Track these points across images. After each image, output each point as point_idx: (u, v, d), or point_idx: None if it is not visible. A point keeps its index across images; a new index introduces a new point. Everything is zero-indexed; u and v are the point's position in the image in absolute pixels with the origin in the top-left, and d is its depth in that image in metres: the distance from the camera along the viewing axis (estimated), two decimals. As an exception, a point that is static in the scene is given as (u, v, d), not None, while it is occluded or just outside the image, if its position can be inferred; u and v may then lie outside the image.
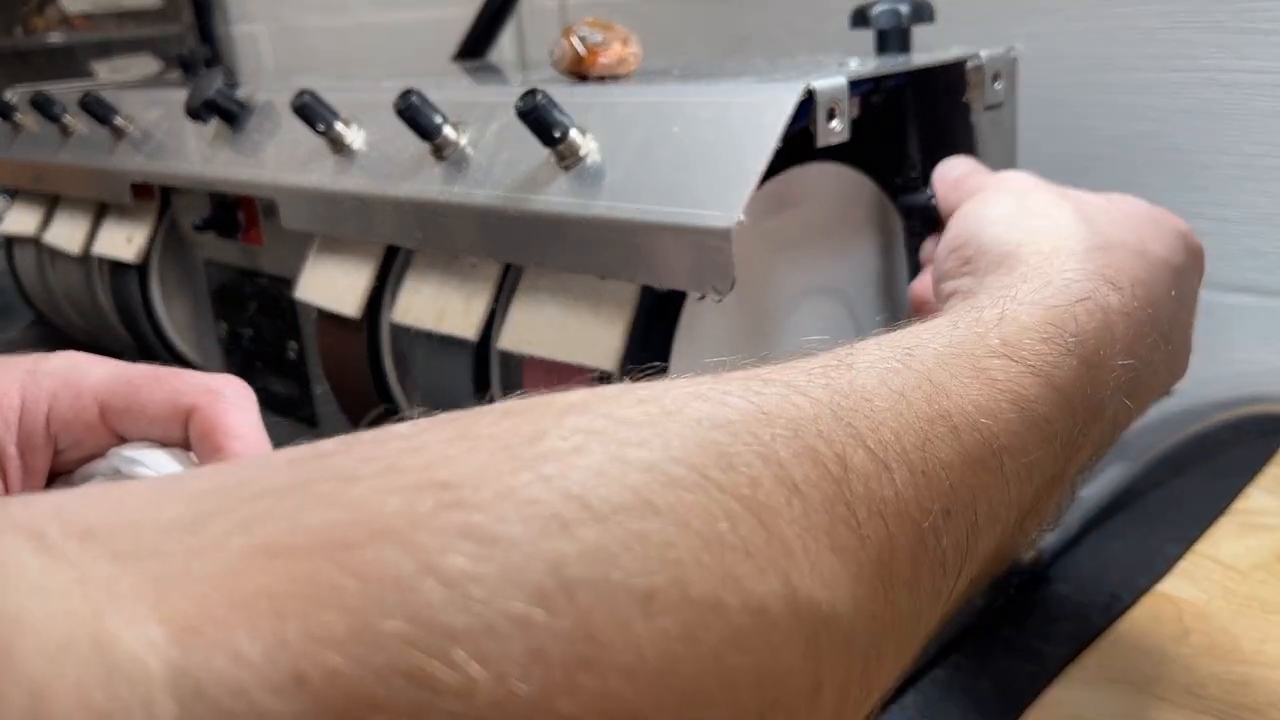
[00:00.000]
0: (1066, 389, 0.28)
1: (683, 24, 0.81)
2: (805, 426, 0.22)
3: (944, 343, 0.28)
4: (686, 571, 0.18)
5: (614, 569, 0.17)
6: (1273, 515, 0.50)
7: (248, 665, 0.15)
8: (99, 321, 0.80)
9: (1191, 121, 0.59)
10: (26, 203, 0.83)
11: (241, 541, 0.17)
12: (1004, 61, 0.46)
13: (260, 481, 0.18)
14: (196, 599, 0.15)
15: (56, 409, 0.35)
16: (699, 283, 0.38)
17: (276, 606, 0.15)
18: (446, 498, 0.17)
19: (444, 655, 0.16)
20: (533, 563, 0.17)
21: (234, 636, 0.15)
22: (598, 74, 0.48)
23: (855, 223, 0.48)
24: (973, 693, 0.40)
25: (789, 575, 0.20)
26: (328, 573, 0.16)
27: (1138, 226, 0.35)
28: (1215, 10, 0.57)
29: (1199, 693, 0.38)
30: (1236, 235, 0.59)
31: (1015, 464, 0.26)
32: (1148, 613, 0.44)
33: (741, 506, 0.20)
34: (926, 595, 0.24)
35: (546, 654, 0.16)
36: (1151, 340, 0.32)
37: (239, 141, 0.60)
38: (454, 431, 0.20)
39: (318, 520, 0.17)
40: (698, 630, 0.18)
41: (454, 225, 0.46)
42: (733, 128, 0.39)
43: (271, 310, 0.64)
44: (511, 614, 0.16)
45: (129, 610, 0.15)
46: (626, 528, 0.18)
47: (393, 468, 0.18)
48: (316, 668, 0.15)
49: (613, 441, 0.20)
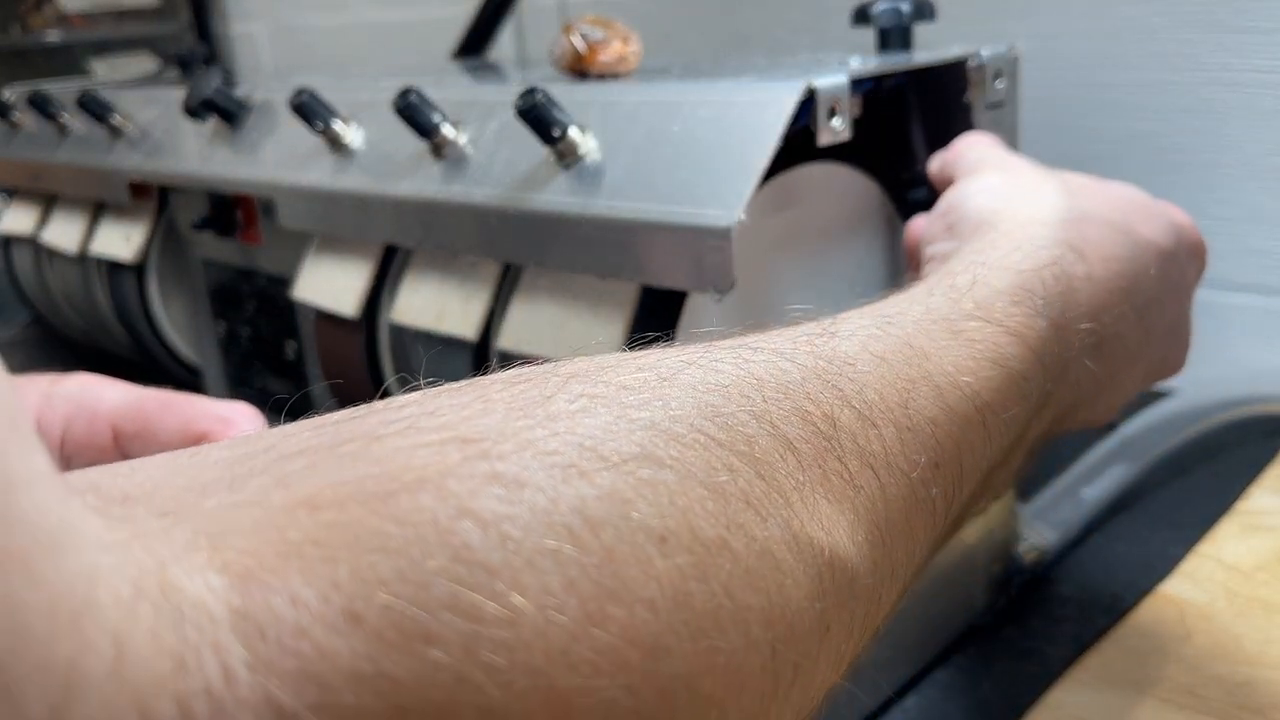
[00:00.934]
0: (1038, 348, 0.30)
1: (683, 22, 0.81)
2: (794, 389, 0.24)
3: (921, 310, 0.29)
4: (694, 517, 0.20)
5: (632, 510, 0.19)
6: (1275, 516, 0.50)
7: (305, 607, 0.16)
8: (97, 321, 0.80)
9: (1193, 121, 0.59)
10: (24, 202, 0.83)
11: (282, 496, 0.17)
12: (1006, 60, 0.46)
13: (287, 445, 0.19)
14: (248, 549, 0.16)
15: (71, 432, 0.35)
16: (699, 282, 0.38)
17: (325, 553, 0.16)
18: (471, 450, 0.18)
19: (487, 588, 0.17)
20: (558, 504, 0.18)
21: (289, 581, 0.16)
22: (598, 72, 0.48)
23: (857, 222, 0.47)
24: (974, 694, 0.40)
25: (789, 522, 0.21)
26: (369, 520, 0.17)
27: (1126, 209, 0.36)
28: (1217, 9, 0.56)
29: (1201, 694, 0.38)
30: (1239, 235, 0.59)
31: (996, 419, 0.28)
32: (1150, 614, 0.43)
33: (740, 460, 0.21)
34: (918, 543, 0.26)
35: (579, 586, 0.17)
36: (1121, 311, 0.34)
37: (237, 140, 0.60)
38: (467, 396, 0.21)
39: (351, 474, 0.18)
40: (709, 569, 0.19)
41: (453, 224, 0.46)
42: (733, 127, 0.38)
43: (270, 310, 0.64)
44: (545, 549, 0.17)
45: (188, 560, 0.16)
46: (638, 475, 0.19)
47: (414, 427, 0.19)
48: (369, 606, 0.16)
49: (615, 404, 0.21)
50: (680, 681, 0.18)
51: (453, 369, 0.49)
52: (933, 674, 0.41)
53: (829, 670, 0.23)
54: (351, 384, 0.56)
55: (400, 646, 0.16)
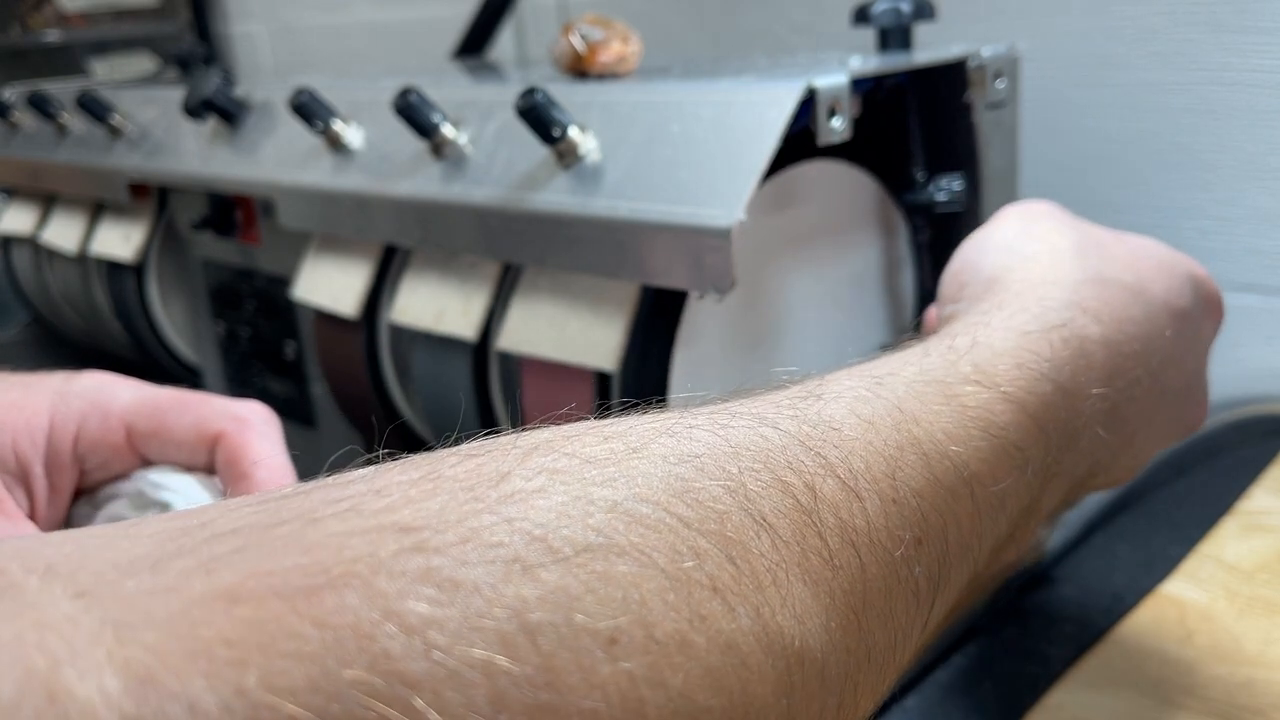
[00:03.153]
0: (1039, 415, 0.28)
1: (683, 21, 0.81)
2: (774, 457, 0.22)
3: (915, 371, 0.27)
4: (651, 612, 0.18)
5: (576, 612, 0.17)
6: (1276, 516, 0.50)
7: (204, 716, 0.15)
8: (96, 321, 0.80)
9: (1194, 120, 0.59)
10: (23, 202, 0.83)
11: (202, 585, 0.16)
12: (1006, 60, 0.46)
13: (223, 523, 0.18)
14: (154, 645, 0.15)
15: (85, 430, 0.35)
16: (699, 282, 0.38)
17: (235, 655, 0.15)
18: (408, 541, 0.17)
19: (404, 704, 0.15)
20: (494, 608, 0.17)
21: (191, 686, 0.15)
22: (598, 72, 0.48)
23: (857, 221, 0.47)
24: (974, 694, 0.40)
25: (759, 610, 0.20)
26: (287, 620, 0.16)
27: (1141, 266, 0.35)
28: (1218, 9, 0.56)
29: (1202, 694, 0.38)
30: (1239, 235, 0.59)
31: (985, 492, 0.26)
32: (1151, 614, 0.43)
33: (708, 543, 0.20)
34: (900, 627, 0.24)
35: (509, 701, 0.16)
36: (1136, 375, 0.32)
37: (237, 140, 0.60)
38: (417, 473, 0.20)
39: (278, 564, 0.17)
40: (664, 672, 0.18)
41: (453, 224, 0.46)
42: (733, 126, 0.38)
43: (269, 310, 0.64)
44: (473, 661, 0.16)
45: (86, 658, 0.15)
46: (589, 569, 0.18)
47: (355, 509, 0.18)
48: (276, 718, 0.15)
49: (576, 480, 0.20)
50: None
51: (452, 369, 0.49)
52: (932, 674, 0.41)
53: None
54: (351, 384, 0.55)
55: None
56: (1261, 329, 0.60)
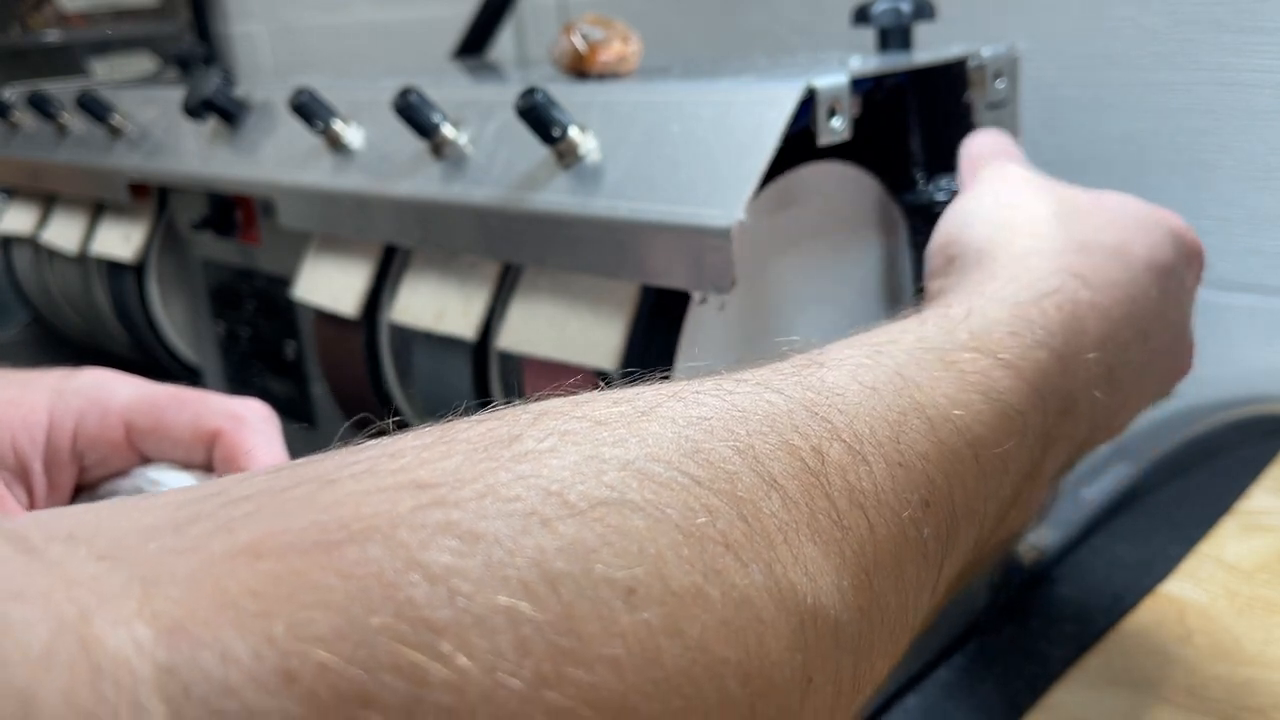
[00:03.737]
0: (1037, 381, 0.29)
1: (683, 21, 0.81)
2: (780, 421, 0.23)
3: (913, 339, 0.28)
4: (667, 565, 0.18)
5: (595, 562, 0.18)
6: (1276, 516, 0.50)
7: (236, 664, 0.15)
8: (96, 321, 0.80)
9: (1193, 120, 0.59)
10: (23, 202, 0.83)
11: (224, 543, 0.17)
12: (1006, 60, 0.46)
13: (237, 490, 0.18)
14: (182, 599, 0.15)
15: (83, 427, 0.35)
16: (699, 283, 0.38)
17: (262, 606, 0.15)
18: (425, 497, 0.18)
19: (432, 649, 0.16)
20: (515, 557, 0.17)
21: (221, 635, 0.15)
22: (598, 72, 0.48)
23: (857, 221, 0.47)
24: (975, 694, 0.40)
25: (771, 566, 0.20)
26: (312, 572, 0.16)
27: (1121, 227, 0.35)
28: (1217, 9, 0.56)
29: (1202, 694, 0.38)
30: (1239, 234, 0.59)
31: (988, 455, 0.27)
32: (1150, 614, 0.43)
33: (720, 501, 0.20)
34: (911, 589, 0.24)
35: (533, 646, 0.16)
36: (1127, 337, 0.33)
37: (237, 140, 0.60)
38: (430, 438, 0.20)
39: (298, 521, 0.17)
40: (681, 622, 0.18)
41: (453, 224, 0.46)
42: (733, 126, 0.38)
43: (269, 310, 0.64)
44: (497, 607, 0.16)
45: (115, 610, 0.15)
46: (605, 522, 0.18)
47: (370, 471, 0.18)
48: (305, 664, 0.15)
49: (588, 441, 0.20)
50: None
51: (452, 369, 0.49)
52: (933, 674, 0.41)
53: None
54: (351, 384, 0.55)
55: (335, 710, 0.15)
56: (1261, 329, 0.60)
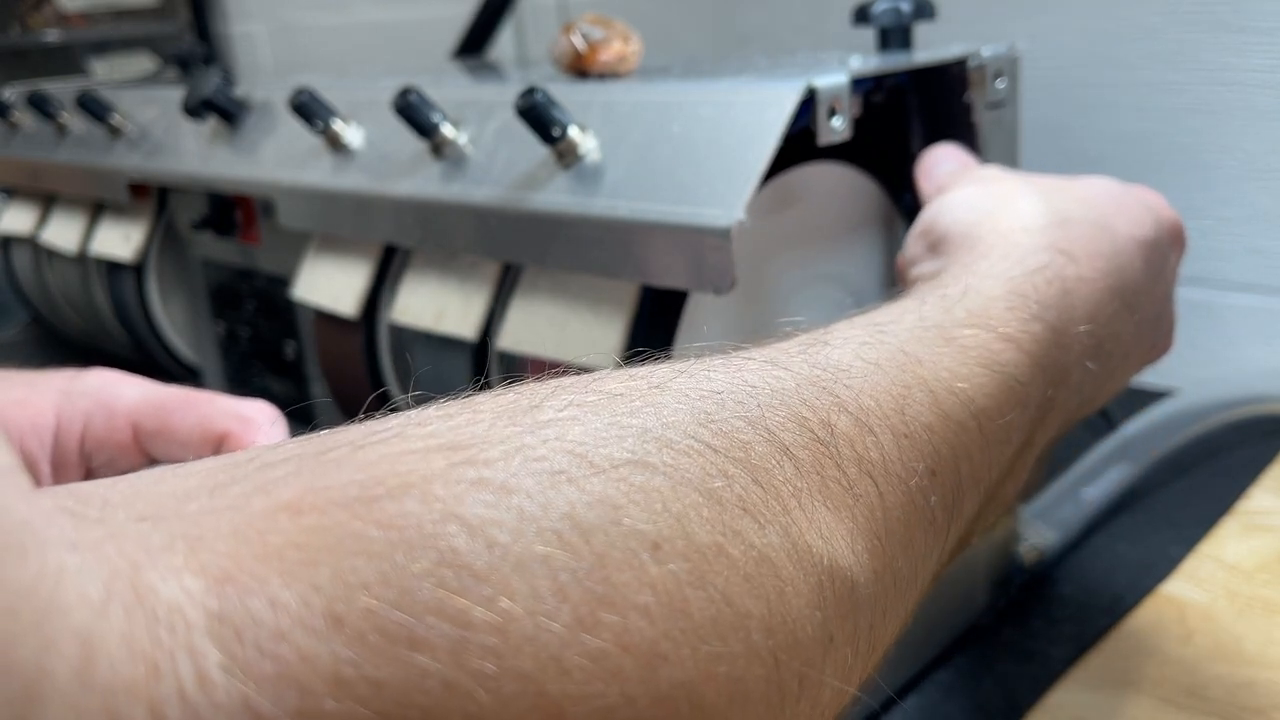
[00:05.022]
0: (1034, 352, 0.30)
1: (683, 21, 0.81)
2: (789, 395, 0.23)
3: (914, 318, 0.29)
4: (689, 523, 0.19)
5: (623, 516, 0.18)
6: (1276, 516, 0.50)
7: (284, 609, 0.15)
8: (96, 321, 0.80)
9: (1193, 120, 0.59)
10: (23, 201, 0.83)
11: (262, 502, 0.17)
12: (1006, 59, 0.46)
13: (271, 455, 0.19)
14: (227, 552, 0.16)
15: (91, 429, 0.35)
16: (699, 282, 0.38)
17: (306, 556, 0.16)
18: (457, 457, 0.18)
19: (475, 593, 0.16)
20: (548, 510, 0.18)
21: (268, 584, 0.16)
22: (598, 71, 0.48)
23: (857, 222, 0.47)
24: (975, 694, 0.40)
25: (787, 529, 0.21)
26: (352, 525, 0.17)
27: (1100, 204, 0.36)
28: (1217, 9, 0.56)
29: (1202, 694, 0.38)
30: (1239, 234, 0.59)
31: (992, 425, 0.28)
32: (1151, 614, 0.43)
33: (735, 467, 0.21)
34: (920, 555, 0.25)
35: (570, 591, 0.17)
36: (1114, 309, 0.33)
37: (237, 140, 0.60)
38: (453, 409, 0.21)
39: (335, 480, 0.18)
40: (706, 575, 0.19)
41: (453, 224, 0.46)
42: (733, 126, 0.38)
43: (269, 310, 0.64)
44: (535, 555, 0.17)
45: (164, 563, 0.16)
46: (629, 481, 0.19)
47: (400, 435, 0.19)
48: (352, 609, 0.16)
49: (606, 411, 0.21)
50: (681, 690, 0.18)
51: (452, 369, 0.49)
52: (933, 674, 0.41)
53: (837, 686, 0.22)
54: (351, 384, 0.55)
55: (384, 651, 0.15)
56: (1261, 329, 0.60)
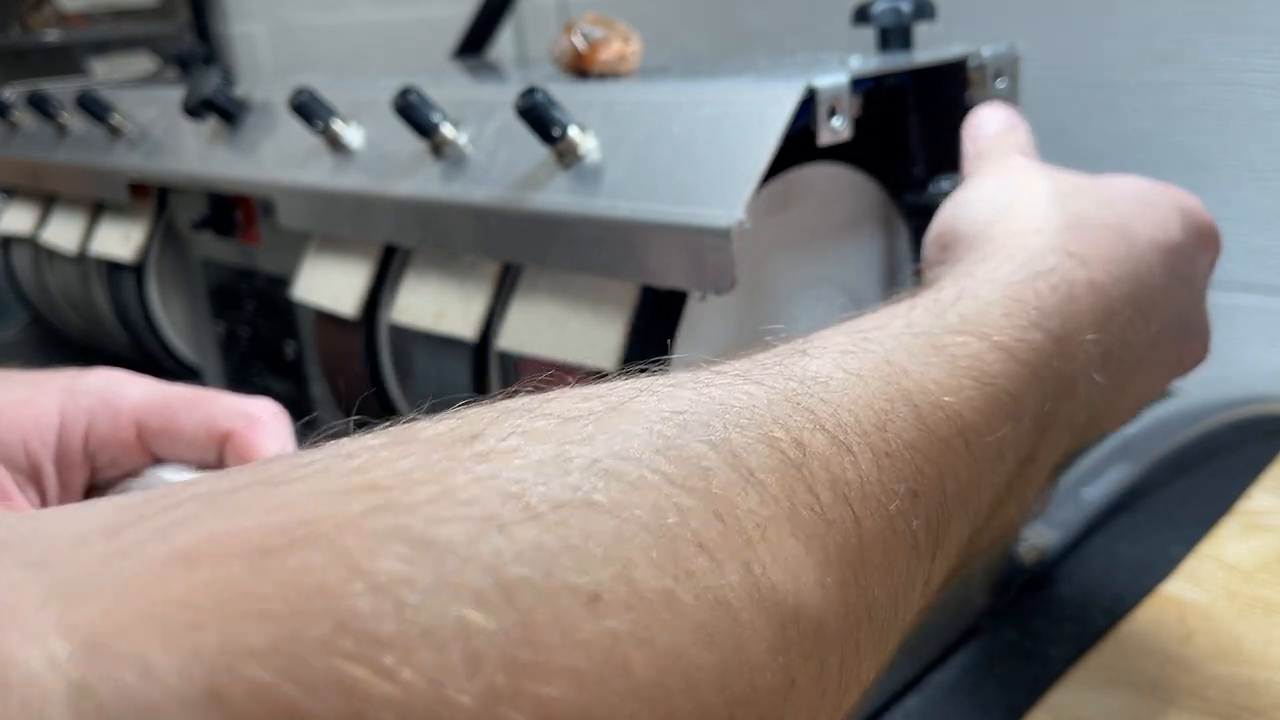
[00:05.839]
0: (1032, 363, 0.28)
1: (684, 21, 0.81)
2: (760, 413, 0.22)
3: (902, 325, 0.27)
4: (635, 569, 0.17)
5: (555, 568, 0.17)
6: (1277, 516, 0.50)
7: (158, 681, 0.14)
8: (96, 321, 0.80)
9: (1194, 120, 0.59)
10: (23, 201, 0.83)
11: (158, 549, 0.16)
12: (1006, 59, 0.46)
13: (185, 491, 0.18)
14: (106, 610, 0.15)
15: (94, 428, 0.35)
16: (699, 282, 0.38)
17: (192, 617, 0.15)
18: (376, 499, 0.17)
19: (375, 664, 0.15)
20: (469, 565, 0.16)
21: (144, 650, 0.14)
22: (598, 71, 0.48)
23: (858, 221, 0.47)
24: (975, 695, 0.40)
25: (749, 566, 0.19)
26: (247, 580, 0.15)
27: (1124, 204, 0.34)
28: (1217, 9, 0.56)
29: (1202, 695, 0.38)
30: (1240, 234, 0.59)
31: (981, 442, 0.26)
32: (1151, 614, 0.43)
33: (693, 499, 0.19)
34: (901, 583, 0.23)
35: (486, 660, 0.15)
36: (1127, 317, 0.31)
37: (237, 140, 0.60)
38: (388, 437, 0.19)
39: (237, 526, 0.16)
40: (651, 629, 0.17)
41: (453, 224, 0.46)
42: (734, 126, 0.38)
43: (269, 310, 0.64)
44: (447, 619, 0.15)
45: (33, 623, 0.14)
46: (568, 525, 0.17)
47: (323, 471, 0.18)
48: (235, 681, 0.14)
49: (553, 439, 0.19)
50: None
51: (452, 369, 0.49)
52: (933, 674, 0.41)
53: None
54: (351, 384, 0.55)
55: None
56: (1261, 329, 0.60)
